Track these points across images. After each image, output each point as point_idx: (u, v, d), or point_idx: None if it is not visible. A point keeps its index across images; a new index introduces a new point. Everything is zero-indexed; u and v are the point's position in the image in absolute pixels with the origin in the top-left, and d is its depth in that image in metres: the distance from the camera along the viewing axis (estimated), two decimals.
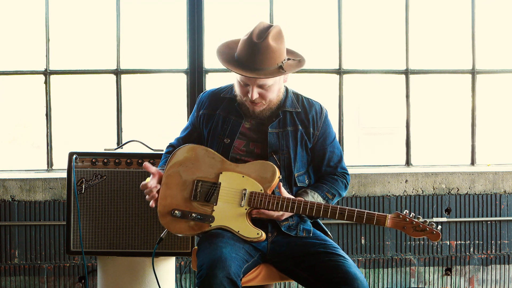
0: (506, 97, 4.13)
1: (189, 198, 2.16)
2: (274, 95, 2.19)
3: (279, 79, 2.18)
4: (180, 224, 2.15)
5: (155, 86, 4.27)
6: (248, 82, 2.13)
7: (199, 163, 2.20)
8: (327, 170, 2.30)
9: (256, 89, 2.13)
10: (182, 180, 2.19)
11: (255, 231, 2.10)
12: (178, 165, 2.21)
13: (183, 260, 3.40)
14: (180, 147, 2.23)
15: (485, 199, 3.50)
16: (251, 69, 2.08)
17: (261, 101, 2.17)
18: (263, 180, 2.12)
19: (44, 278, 3.34)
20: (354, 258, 3.43)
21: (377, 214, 2.03)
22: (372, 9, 4.31)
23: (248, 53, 2.09)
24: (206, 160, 2.20)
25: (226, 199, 2.14)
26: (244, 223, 2.11)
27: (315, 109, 2.28)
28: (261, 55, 2.08)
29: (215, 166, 2.18)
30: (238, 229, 2.11)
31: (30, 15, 3.96)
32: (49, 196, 3.33)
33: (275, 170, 2.13)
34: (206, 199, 2.15)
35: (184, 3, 3.57)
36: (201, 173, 2.18)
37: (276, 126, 2.23)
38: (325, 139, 2.28)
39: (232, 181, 2.15)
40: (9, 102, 6.74)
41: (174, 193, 2.18)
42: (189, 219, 2.14)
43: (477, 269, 3.50)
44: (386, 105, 23.71)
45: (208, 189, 2.15)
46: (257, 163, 2.16)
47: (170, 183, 2.19)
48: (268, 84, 2.13)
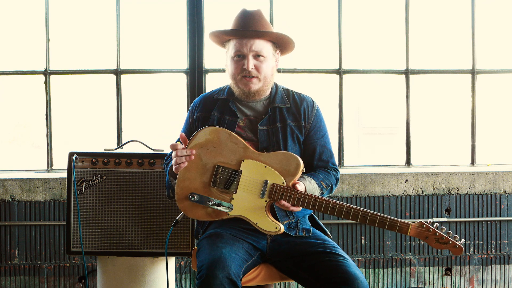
0: (506, 97, 4.13)
1: (208, 183, 2.13)
2: (269, 72, 2.22)
3: (272, 56, 2.24)
4: (197, 210, 2.12)
5: (155, 86, 4.27)
6: (243, 49, 2.18)
7: (221, 148, 2.14)
8: (319, 164, 2.30)
9: (252, 59, 2.18)
10: (202, 163, 2.13)
11: (273, 225, 2.07)
12: (199, 146, 2.14)
13: (183, 260, 3.40)
14: (203, 128, 2.17)
15: (485, 199, 3.50)
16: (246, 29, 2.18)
17: (257, 75, 2.20)
18: (286, 172, 2.09)
19: (44, 278, 3.34)
20: (354, 258, 3.43)
21: (400, 221, 1.99)
22: (372, 9, 4.30)
23: (242, 20, 2.20)
24: (228, 145, 2.14)
25: (246, 189, 2.10)
26: (263, 215, 2.08)
27: (306, 103, 2.31)
28: (255, 21, 2.19)
29: (238, 153, 2.13)
30: (257, 221, 2.07)
31: (30, 15, 3.96)
32: (49, 196, 3.33)
33: (299, 162, 2.10)
34: (226, 186, 2.11)
35: (184, 3, 3.58)
36: (223, 158, 2.13)
37: (266, 123, 2.24)
38: (316, 133, 2.29)
39: (254, 170, 2.10)
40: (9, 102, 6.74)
41: (193, 176, 2.13)
42: (207, 206, 2.10)
43: (477, 269, 3.51)
44: (386, 105, 23.72)
45: (228, 176, 2.12)
46: (280, 154, 2.13)
47: (190, 165, 2.12)
48: (263, 53, 2.19)
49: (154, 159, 2.65)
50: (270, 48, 2.22)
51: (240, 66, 2.19)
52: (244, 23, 2.18)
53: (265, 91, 2.26)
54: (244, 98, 2.25)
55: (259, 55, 2.19)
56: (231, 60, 2.23)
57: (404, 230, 1.99)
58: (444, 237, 1.99)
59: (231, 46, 2.22)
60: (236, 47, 2.19)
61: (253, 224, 2.08)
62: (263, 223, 2.07)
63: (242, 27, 2.18)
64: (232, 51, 2.21)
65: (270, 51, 2.22)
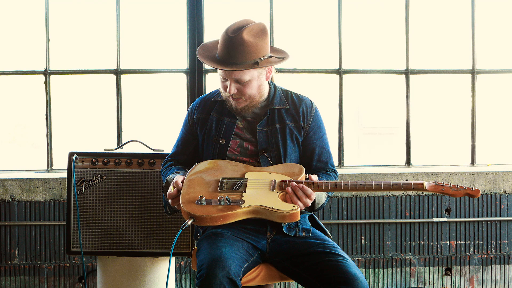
0: (506, 97, 4.13)
1: (214, 190, 2.08)
2: (254, 91, 2.20)
3: (258, 75, 2.19)
4: (208, 208, 1.98)
5: (155, 86, 4.27)
6: (225, 76, 2.16)
7: (222, 170, 2.15)
8: (318, 165, 2.30)
9: (233, 84, 2.16)
10: (205, 181, 2.11)
11: (290, 205, 2.00)
12: (200, 172, 2.15)
13: (183, 260, 3.40)
14: (199, 163, 2.21)
15: (485, 199, 3.50)
16: (226, 63, 2.12)
17: (240, 97, 2.19)
18: (291, 174, 2.10)
19: (44, 278, 3.34)
20: (354, 258, 3.43)
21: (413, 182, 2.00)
22: (372, 9, 4.31)
23: (224, 48, 2.14)
24: (229, 167, 2.17)
25: (256, 187, 2.06)
26: (277, 200, 2.01)
27: (305, 104, 2.30)
28: (234, 50, 2.11)
29: (239, 170, 2.15)
30: (272, 205, 1.99)
31: (30, 15, 3.96)
32: (49, 196, 3.33)
33: (302, 167, 2.13)
34: (234, 189, 2.07)
35: (184, 3, 3.58)
36: (226, 174, 2.14)
37: (265, 124, 2.25)
38: (315, 133, 2.29)
39: (259, 176, 2.10)
40: (9, 102, 6.74)
41: (197, 190, 2.08)
42: (217, 204, 1.99)
43: (477, 269, 3.51)
44: (386, 105, 23.71)
45: (234, 182, 2.10)
46: (282, 165, 2.17)
47: (192, 184, 2.10)
48: (245, 79, 2.15)
49: (154, 159, 2.65)
50: (254, 72, 2.16)
51: (224, 86, 2.20)
52: (225, 54, 2.13)
53: (256, 104, 2.25)
54: (236, 112, 2.26)
55: (241, 81, 2.16)
56: (219, 77, 2.23)
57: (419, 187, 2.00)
58: (459, 185, 2.00)
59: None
60: (219, 71, 2.19)
61: (269, 209, 1.97)
62: (279, 205, 1.99)
63: (221, 58, 2.14)
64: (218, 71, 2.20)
65: (254, 74, 2.17)
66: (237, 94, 2.18)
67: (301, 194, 2.02)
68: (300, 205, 2.01)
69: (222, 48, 2.15)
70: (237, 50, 2.10)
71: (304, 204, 2.03)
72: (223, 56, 2.14)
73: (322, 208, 2.25)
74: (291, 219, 1.98)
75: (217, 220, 1.96)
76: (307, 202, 2.03)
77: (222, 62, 2.13)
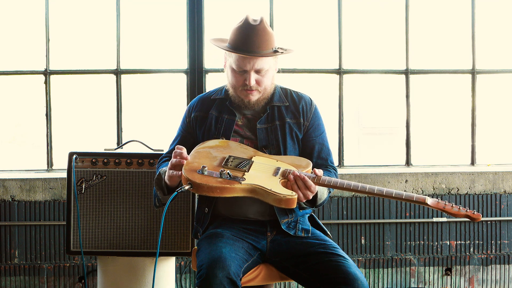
0: (506, 97, 4.13)
1: (219, 165, 2.08)
2: (269, 82, 2.22)
3: (274, 64, 2.22)
4: (208, 177, 1.99)
5: (155, 86, 4.27)
6: (245, 67, 2.15)
7: (231, 149, 2.16)
8: (318, 162, 2.30)
9: (253, 75, 2.16)
10: (212, 156, 2.12)
11: (289, 191, 2.00)
12: (209, 147, 2.16)
13: (183, 260, 3.40)
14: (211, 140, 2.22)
15: (485, 199, 3.50)
16: (249, 51, 2.13)
17: (257, 88, 2.19)
18: (298, 166, 2.10)
19: (44, 278, 3.34)
20: (354, 258, 3.43)
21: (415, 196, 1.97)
22: (372, 9, 4.31)
23: (245, 36, 2.14)
24: (238, 148, 2.17)
25: (259, 170, 2.07)
26: (278, 184, 2.02)
27: (305, 101, 2.31)
28: (258, 37, 2.13)
29: (248, 153, 2.16)
30: (271, 187, 1.99)
31: (30, 15, 3.96)
32: (49, 196, 3.33)
33: (309, 161, 2.14)
34: (238, 167, 2.07)
35: (184, 3, 3.58)
36: (234, 154, 2.14)
37: (265, 122, 2.25)
38: (315, 130, 2.30)
39: (265, 161, 2.11)
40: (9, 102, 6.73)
41: (202, 161, 2.08)
42: (218, 176, 2.00)
43: (477, 269, 3.50)
44: (386, 105, 23.70)
45: (240, 162, 2.10)
46: (291, 157, 2.17)
47: (198, 155, 2.11)
48: (265, 68, 2.17)
49: (154, 159, 2.65)
50: (271, 60, 2.20)
51: (241, 80, 2.18)
52: (247, 41, 2.14)
53: (264, 99, 2.26)
54: (242, 106, 2.26)
55: (261, 70, 2.17)
56: (231, 71, 2.20)
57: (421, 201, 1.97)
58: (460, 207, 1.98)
59: (233, 58, 2.18)
60: (237, 62, 2.16)
61: (267, 190, 1.98)
62: (278, 189, 2.00)
63: (244, 46, 2.14)
64: (233, 64, 2.18)
65: (271, 63, 2.21)
66: (255, 85, 2.18)
67: (301, 184, 2.01)
68: (300, 194, 2.01)
69: (241, 36, 2.15)
70: (261, 38, 2.14)
71: (304, 195, 2.02)
72: (243, 44, 2.14)
73: (323, 205, 2.25)
74: (287, 205, 1.98)
75: (214, 191, 1.97)
76: (306, 194, 2.02)
77: (245, 51, 2.14)
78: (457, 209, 1.97)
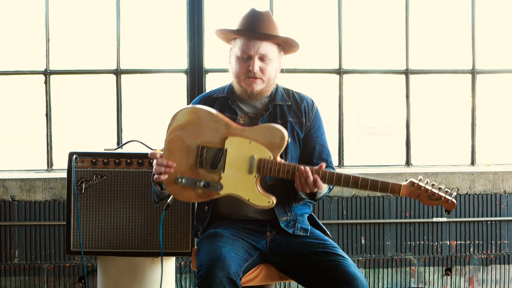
0: (506, 97, 4.13)
1: (194, 165, 2.09)
2: (273, 74, 2.23)
3: (277, 58, 2.24)
4: (188, 192, 2.09)
5: (155, 86, 4.28)
6: (249, 51, 2.17)
7: (203, 127, 2.11)
8: (319, 162, 2.29)
9: (257, 61, 2.17)
10: (185, 146, 2.10)
11: (266, 199, 2.05)
12: (180, 129, 2.11)
13: (183, 260, 3.40)
14: (181, 109, 2.14)
15: (485, 199, 3.50)
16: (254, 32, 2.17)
17: (261, 77, 2.20)
18: (272, 145, 2.06)
19: (44, 278, 3.34)
20: (354, 258, 3.43)
21: (391, 183, 2.02)
22: (372, 9, 4.31)
23: (250, 21, 2.18)
24: (210, 124, 2.11)
25: (234, 166, 2.07)
26: (254, 191, 2.06)
27: (306, 102, 2.32)
28: (263, 22, 2.18)
29: (220, 131, 2.10)
30: (249, 198, 2.05)
31: (30, 15, 3.96)
32: (49, 196, 3.33)
33: (283, 135, 2.07)
34: (213, 166, 2.08)
35: (184, 3, 3.58)
36: (205, 137, 2.10)
37: (267, 120, 2.25)
38: (316, 131, 2.30)
39: (239, 147, 2.08)
40: (9, 102, 6.74)
41: (178, 160, 2.09)
42: (197, 187, 2.08)
43: (477, 269, 3.51)
44: (386, 105, 23.70)
45: (214, 156, 2.09)
46: (263, 127, 2.10)
47: (173, 149, 2.10)
48: (269, 56, 2.18)
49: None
50: (275, 50, 2.22)
51: (245, 66, 2.19)
52: (253, 24, 2.18)
53: (267, 92, 2.26)
54: (245, 97, 2.26)
55: (265, 57, 2.19)
56: (236, 59, 2.22)
57: (396, 191, 2.02)
58: (436, 193, 1.99)
59: (237, 45, 2.21)
60: (242, 47, 2.18)
61: (246, 201, 2.06)
62: (256, 199, 2.05)
63: (250, 28, 2.18)
64: (238, 51, 2.20)
65: (275, 53, 2.22)
66: (259, 73, 2.19)
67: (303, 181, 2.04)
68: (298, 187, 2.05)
69: (248, 21, 2.19)
70: (266, 24, 2.18)
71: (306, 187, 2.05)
72: (250, 27, 2.18)
73: (322, 199, 2.25)
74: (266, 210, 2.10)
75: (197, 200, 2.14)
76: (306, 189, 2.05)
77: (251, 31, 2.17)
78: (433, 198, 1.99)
